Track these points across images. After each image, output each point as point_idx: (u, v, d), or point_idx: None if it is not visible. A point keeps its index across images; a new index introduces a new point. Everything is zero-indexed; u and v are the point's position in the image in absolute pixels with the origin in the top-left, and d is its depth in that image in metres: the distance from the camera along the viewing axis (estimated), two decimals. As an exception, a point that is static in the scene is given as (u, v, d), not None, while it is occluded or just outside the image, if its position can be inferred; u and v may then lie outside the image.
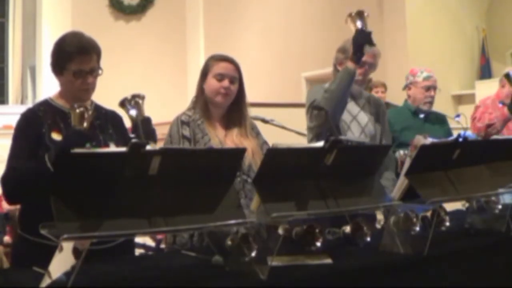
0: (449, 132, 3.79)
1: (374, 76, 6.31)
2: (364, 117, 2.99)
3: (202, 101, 2.58)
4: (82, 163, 1.52)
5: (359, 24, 2.78)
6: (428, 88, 3.68)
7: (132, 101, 2.21)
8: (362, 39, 2.77)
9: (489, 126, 4.11)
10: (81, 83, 2.20)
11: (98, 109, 2.35)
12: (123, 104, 2.22)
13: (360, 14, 2.80)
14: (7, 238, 5.07)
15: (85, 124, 2.03)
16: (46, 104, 2.28)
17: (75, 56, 2.18)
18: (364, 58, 2.92)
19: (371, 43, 2.79)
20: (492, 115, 4.18)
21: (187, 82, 9.60)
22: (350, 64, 2.80)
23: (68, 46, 2.21)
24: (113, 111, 2.40)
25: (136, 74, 9.98)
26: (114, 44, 9.71)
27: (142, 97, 2.24)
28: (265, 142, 2.64)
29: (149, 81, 10.10)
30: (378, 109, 3.10)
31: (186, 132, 2.50)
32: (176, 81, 10.11)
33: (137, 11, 10.61)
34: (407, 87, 3.77)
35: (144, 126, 2.18)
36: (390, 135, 3.18)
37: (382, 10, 7.44)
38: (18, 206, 2.43)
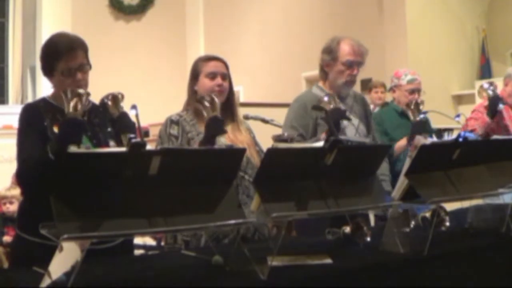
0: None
1: (374, 76, 6.35)
2: (355, 118, 2.97)
3: (194, 103, 2.60)
4: (82, 163, 1.52)
5: (328, 103, 2.61)
6: (412, 91, 3.70)
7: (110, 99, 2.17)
8: (338, 116, 2.53)
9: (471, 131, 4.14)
10: (71, 82, 2.20)
11: (96, 107, 2.35)
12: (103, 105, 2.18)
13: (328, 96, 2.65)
14: (6, 238, 5.07)
15: (80, 109, 1.95)
16: (44, 101, 2.29)
17: (61, 56, 2.20)
18: (353, 58, 2.90)
19: (346, 118, 2.59)
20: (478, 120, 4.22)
21: (187, 82, 9.57)
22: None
23: (54, 46, 2.23)
24: None
25: (135, 74, 9.98)
26: (114, 44, 9.72)
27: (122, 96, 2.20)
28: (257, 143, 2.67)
29: (149, 81, 10.10)
30: (365, 108, 3.10)
31: (174, 130, 2.54)
32: (175, 81, 10.09)
33: (137, 11, 10.60)
34: (391, 89, 3.79)
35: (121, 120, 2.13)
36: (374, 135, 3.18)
37: (382, 11, 7.44)
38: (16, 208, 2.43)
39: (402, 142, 3.33)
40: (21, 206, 2.28)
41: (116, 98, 2.08)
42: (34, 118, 2.20)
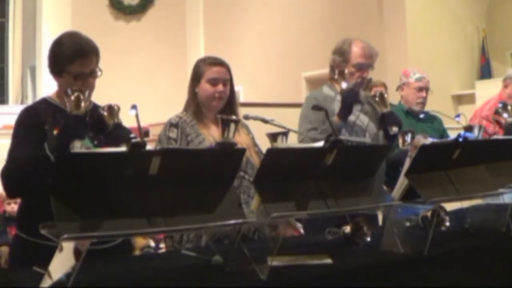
0: (442, 131, 3.83)
1: (374, 76, 6.34)
2: (364, 118, 3.00)
3: (194, 104, 2.60)
4: (82, 163, 1.52)
5: (344, 84, 2.80)
6: (420, 89, 3.76)
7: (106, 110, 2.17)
8: (351, 99, 2.78)
9: None
10: (81, 85, 2.20)
11: (96, 108, 2.35)
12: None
13: (342, 74, 2.86)
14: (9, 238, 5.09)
15: (82, 108, 1.99)
16: (45, 102, 2.28)
17: (75, 59, 2.16)
18: (364, 61, 2.93)
19: (359, 101, 2.84)
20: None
21: (187, 82, 9.57)
22: (337, 120, 2.80)
23: (67, 49, 2.18)
24: None
25: (136, 74, 9.98)
26: (114, 44, 9.71)
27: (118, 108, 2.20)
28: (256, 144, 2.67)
29: (149, 81, 10.10)
30: (374, 107, 3.11)
31: (173, 134, 2.54)
32: (176, 81, 10.10)
33: (137, 11, 10.61)
34: (400, 88, 3.84)
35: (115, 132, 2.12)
36: None
37: (382, 10, 7.44)
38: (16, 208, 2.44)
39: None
40: (21, 206, 2.28)
41: (111, 109, 2.08)
42: (32, 121, 2.18)
